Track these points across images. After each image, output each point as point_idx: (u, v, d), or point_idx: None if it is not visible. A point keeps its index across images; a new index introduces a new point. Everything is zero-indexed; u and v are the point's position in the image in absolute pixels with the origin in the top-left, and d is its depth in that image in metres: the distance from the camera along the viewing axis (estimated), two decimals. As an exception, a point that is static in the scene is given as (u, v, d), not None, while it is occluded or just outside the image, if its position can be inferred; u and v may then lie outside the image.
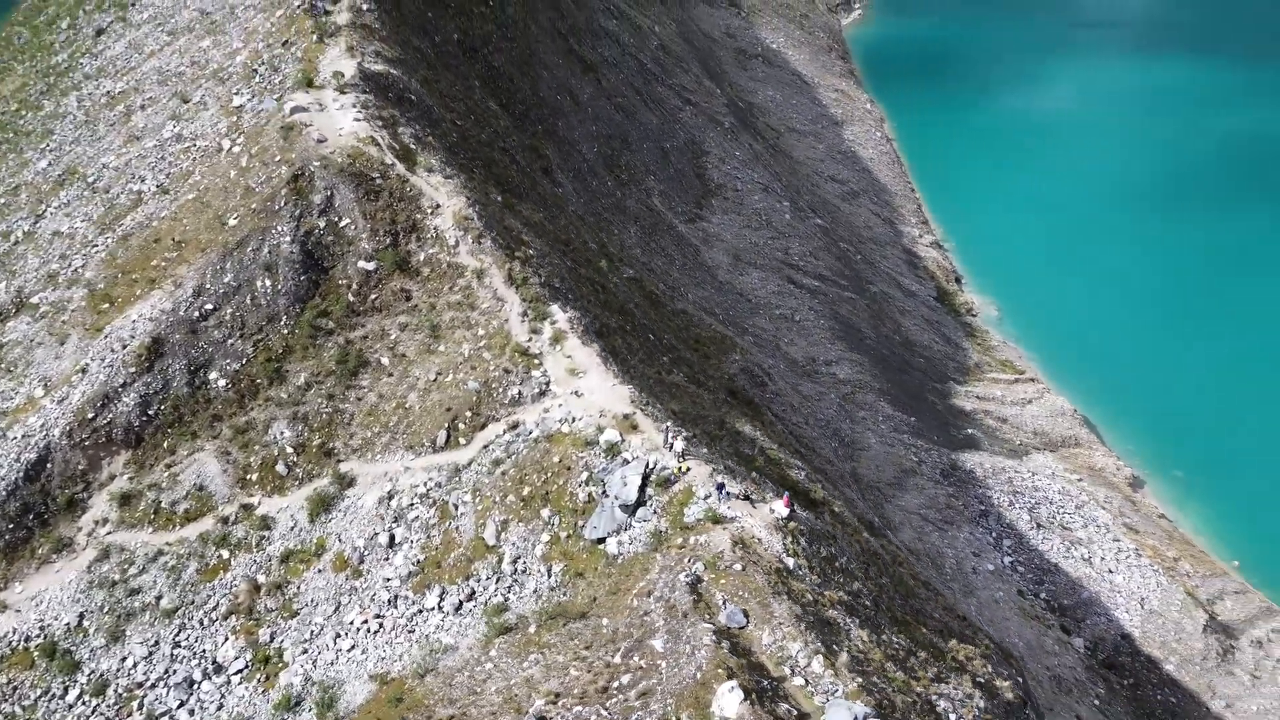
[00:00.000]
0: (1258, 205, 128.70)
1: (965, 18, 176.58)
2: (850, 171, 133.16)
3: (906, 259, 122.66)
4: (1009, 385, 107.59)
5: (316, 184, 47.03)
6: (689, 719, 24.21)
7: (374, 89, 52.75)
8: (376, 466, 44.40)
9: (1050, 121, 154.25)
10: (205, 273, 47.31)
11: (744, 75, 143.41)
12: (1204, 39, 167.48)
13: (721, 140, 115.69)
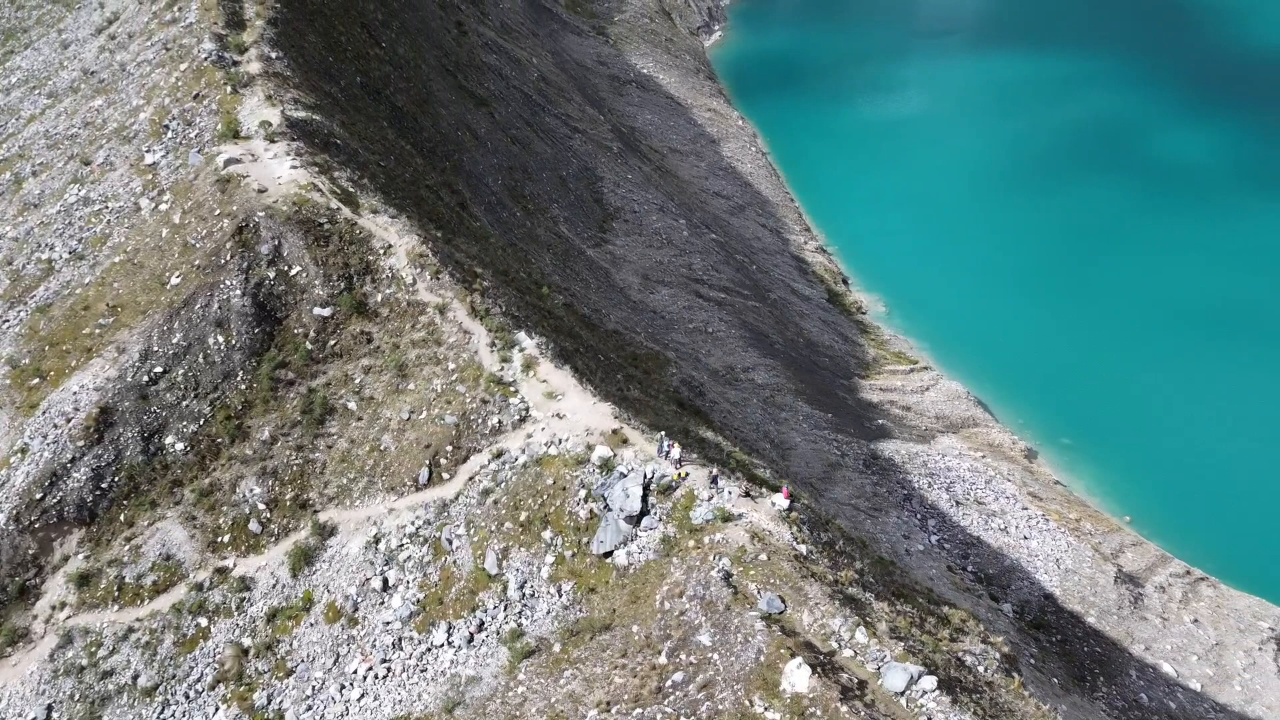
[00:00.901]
0: (1101, 182, 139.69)
1: (815, 31, 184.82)
2: (733, 186, 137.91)
3: (796, 265, 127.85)
4: (906, 375, 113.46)
5: (263, 234, 46.42)
6: (761, 700, 25.62)
7: (302, 136, 52.40)
8: (357, 512, 44.02)
9: (906, 123, 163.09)
10: (151, 335, 45.89)
11: (621, 101, 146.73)
12: (1034, 37, 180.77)
13: (612, 165, 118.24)
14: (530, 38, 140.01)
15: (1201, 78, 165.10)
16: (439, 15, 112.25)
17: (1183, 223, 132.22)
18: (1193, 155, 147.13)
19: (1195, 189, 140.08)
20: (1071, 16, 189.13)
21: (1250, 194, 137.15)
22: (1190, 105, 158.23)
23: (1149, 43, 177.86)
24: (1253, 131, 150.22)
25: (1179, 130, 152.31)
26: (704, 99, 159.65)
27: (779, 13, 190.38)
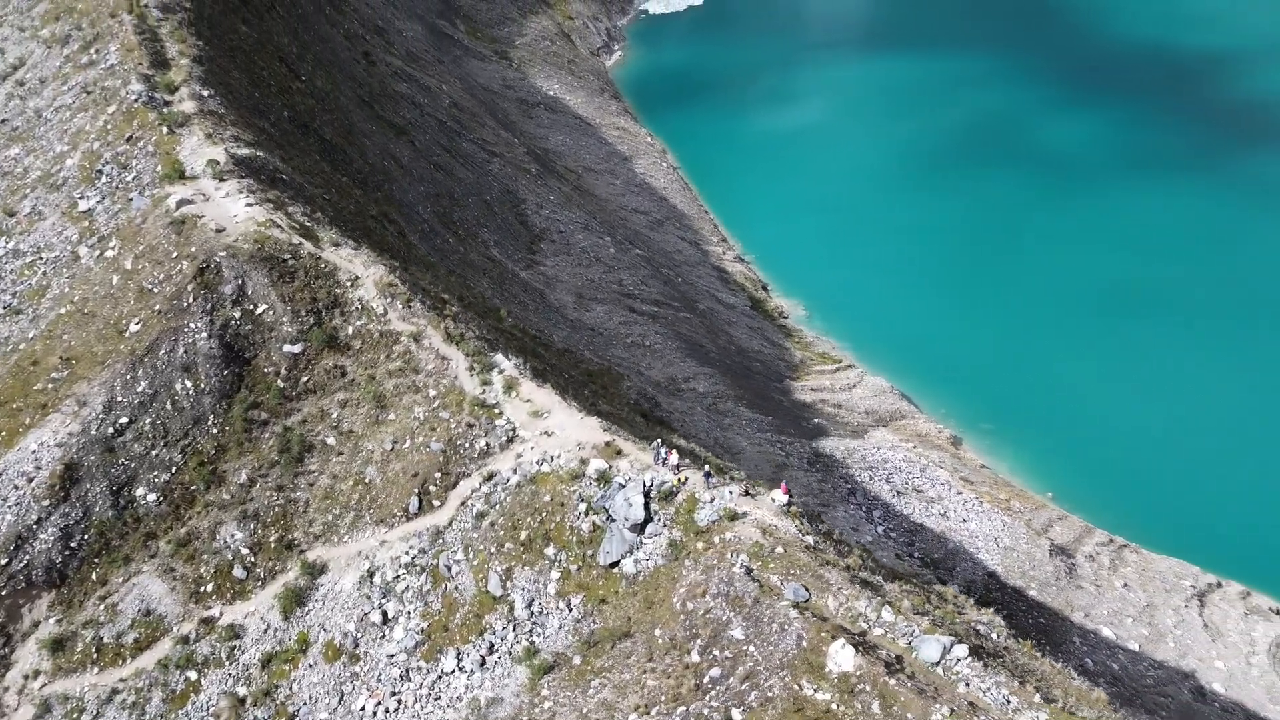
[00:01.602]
0: (991, 174, 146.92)
1: (710, 47, 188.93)
2: (650, 202, 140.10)
3: (718, 275, 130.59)
4: (833, 374, 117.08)
5: (225, 274, 45.63)
6: (809, 682, 26.79)
7: (250, 173, 51.68)
8: (347, 548, 43.56)
9: (805, 131, 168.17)
10: (114, 385, 44.53)
11: (531, 123, 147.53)
12: (917, 41, 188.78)
13: (533, 187, 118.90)
14: (436, 65, 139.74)
15: (1073, 71, 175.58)
16: (346, 46, 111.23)
17: (1066, 207, 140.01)
18: (1071, 143, 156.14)
19: (1075, 174, 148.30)
20: (950, 21, 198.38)
21: (1123, 176, 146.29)
22: (1065, 97, 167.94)
23: (1023, 41, 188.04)
24: (1120, 118, 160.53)
25: (1057, 121, 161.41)
26: (612, 118, 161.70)
27: (674, 31, 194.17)
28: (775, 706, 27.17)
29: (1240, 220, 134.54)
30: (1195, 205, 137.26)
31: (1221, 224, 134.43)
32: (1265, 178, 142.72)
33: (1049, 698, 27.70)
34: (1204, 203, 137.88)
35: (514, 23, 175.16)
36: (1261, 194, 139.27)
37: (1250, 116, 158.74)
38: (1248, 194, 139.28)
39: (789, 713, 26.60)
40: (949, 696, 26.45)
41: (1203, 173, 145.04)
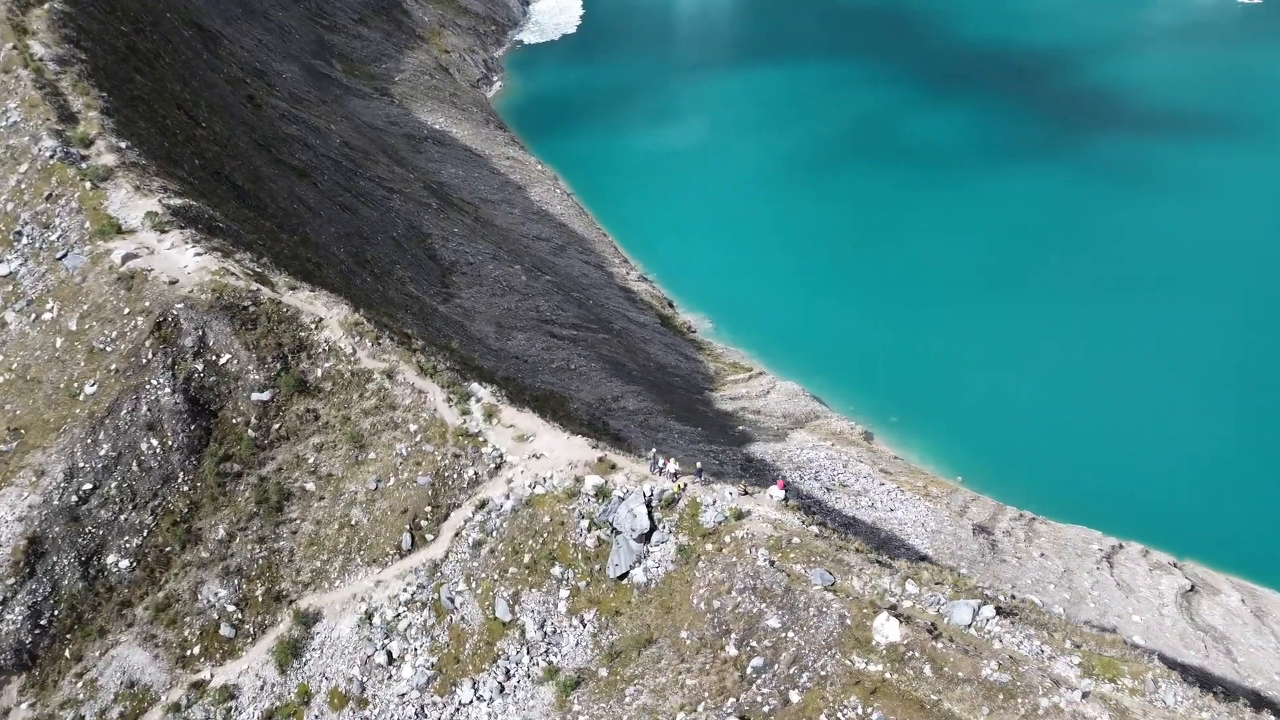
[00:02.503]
0: (868, 174, 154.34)
1: (587, 72, 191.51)
2: (550, 229, 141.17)
3: (625, 296, 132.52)
4: (747, 383, 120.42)
5: (184, 326, 44.42)
6: (859, 656, 28.44)
7: (187, 223, 50.43)
8: (340, 592, 42.94)
9: (689, 148, 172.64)
10: (74, 451, 42.64)
11: (422, 158, 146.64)
12: (782, 53, 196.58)
13: (436, 221, 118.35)
14: (320, 105, 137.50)
15: (929, 72, 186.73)
16: (230, 91, 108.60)
17: (936, 198, 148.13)
18: (934, 138, 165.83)
19: (941, 166, 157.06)
20: (810, 32, 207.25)
21: (983, 165, 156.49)
22: (925, 96, 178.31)
23: (880, 48, 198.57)
24: (976, 111, 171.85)
25: (920, 118, 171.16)
26: (500, 148, 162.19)
27: (551, 58, 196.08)
28: (833, 683, 28.74)
29: (1088, 199, 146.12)
30: (1048, 188, 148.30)
31: (1072, 204, 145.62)
32: (1106, 159, 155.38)
33: (1076, 644, 30.29)
34: (1055, 185, 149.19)
35: (391, 59, 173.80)
36: (1105, 174, 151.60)
37: (1088, 104, 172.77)
38: (1093, 175, 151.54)
39: (848, 686, 28.22)
40: (990, 653, 28.63)
41: (1052, 157, 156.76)
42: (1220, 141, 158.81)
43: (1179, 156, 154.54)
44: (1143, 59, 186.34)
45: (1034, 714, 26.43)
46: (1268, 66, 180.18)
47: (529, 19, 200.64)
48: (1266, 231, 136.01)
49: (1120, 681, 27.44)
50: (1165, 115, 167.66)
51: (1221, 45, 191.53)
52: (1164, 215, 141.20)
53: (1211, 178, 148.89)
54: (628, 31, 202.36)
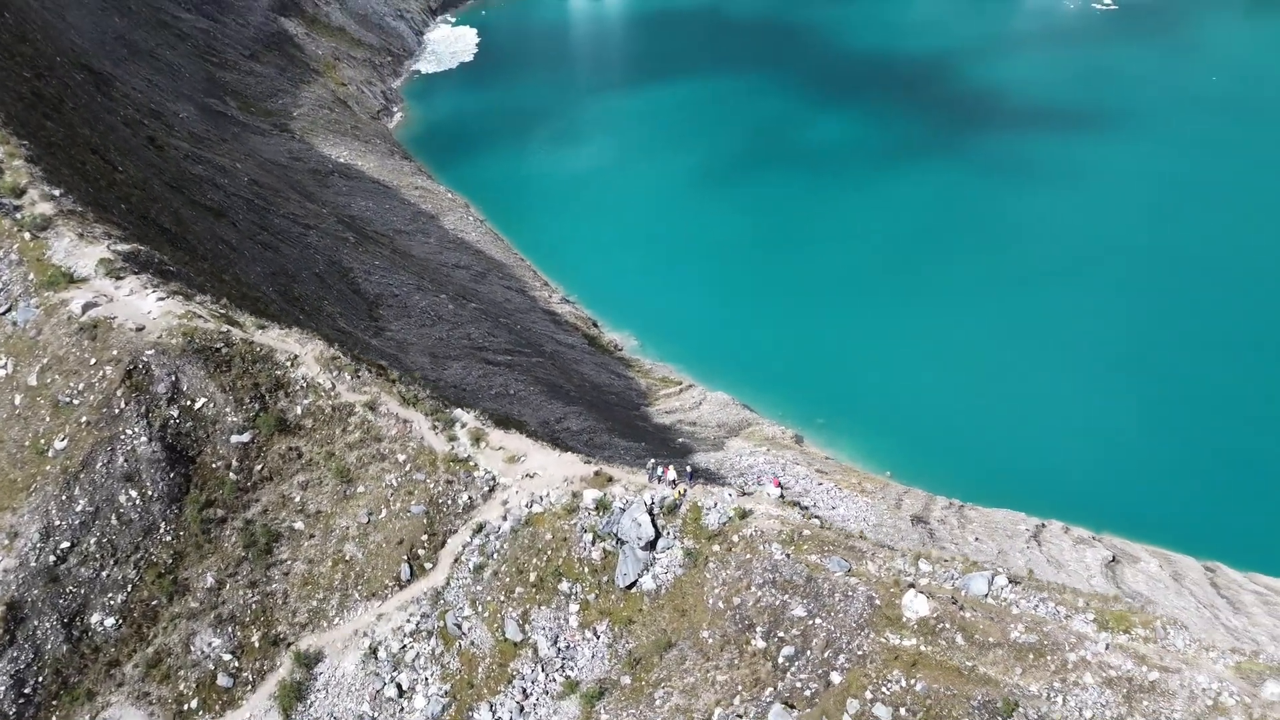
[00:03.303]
0: (772, 181, 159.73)
1: (490, 98, 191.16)
2: (468, 256, 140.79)
3: (550, 319, 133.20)
4: (679, 396, 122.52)
5: (155, 373, 43.26)
6: (892, 633, 30.07)
7: (140, 268, 49.11)
8: (340, 630, 42.40)
9: (597, 166, 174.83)
10: (48, 510, 41.00)
11: (330, 192, 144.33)
12: (680, 70, 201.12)
13: (355, 254, 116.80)
14: (221, 144, 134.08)
15: (822, 80, 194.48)
16: (130, 133, 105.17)
17: (838, 199, 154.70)
18: (831, 142, 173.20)
19: (839, 169, 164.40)
20: (702, 49, 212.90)
21: (878, 165, 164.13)
22: (820, 103, 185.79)
23: (773, 59, 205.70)
24: (868, 115, 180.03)
25: (816, 125, 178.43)
26: (408, 178, 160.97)
27: (450, 87, 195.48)
28: (872, 660, 30.27)
29: (975, 193, 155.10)
30: (938, 184, 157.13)
31: (962, 199, 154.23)
32: (989, 155, 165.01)
33: (1087, 603, 32.63)
34: (945, 181, 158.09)
35: (287, 94, 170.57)
36: (988, 168, 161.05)
37: (969, 105, 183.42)
38: (978, 170, 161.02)
39: (888, 662, 29.78)
40: (1013, 617, 30.68)
41: (939, 156, 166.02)
42: (1086, 133, 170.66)
43: (1052, 148, 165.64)
44: (1014, 61, 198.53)
45: (1064, 669, 28.57)
46: (1123, 64, 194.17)
47: (425, 49, 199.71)
48: (1137, 217, 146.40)
49: (1134, 632, 29.87)
50: (1038, 111, 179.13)
51: (1083, 47, 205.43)
52: (1045, 204, 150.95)
53: (1083, 167, 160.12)
54: (525, 57, 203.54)
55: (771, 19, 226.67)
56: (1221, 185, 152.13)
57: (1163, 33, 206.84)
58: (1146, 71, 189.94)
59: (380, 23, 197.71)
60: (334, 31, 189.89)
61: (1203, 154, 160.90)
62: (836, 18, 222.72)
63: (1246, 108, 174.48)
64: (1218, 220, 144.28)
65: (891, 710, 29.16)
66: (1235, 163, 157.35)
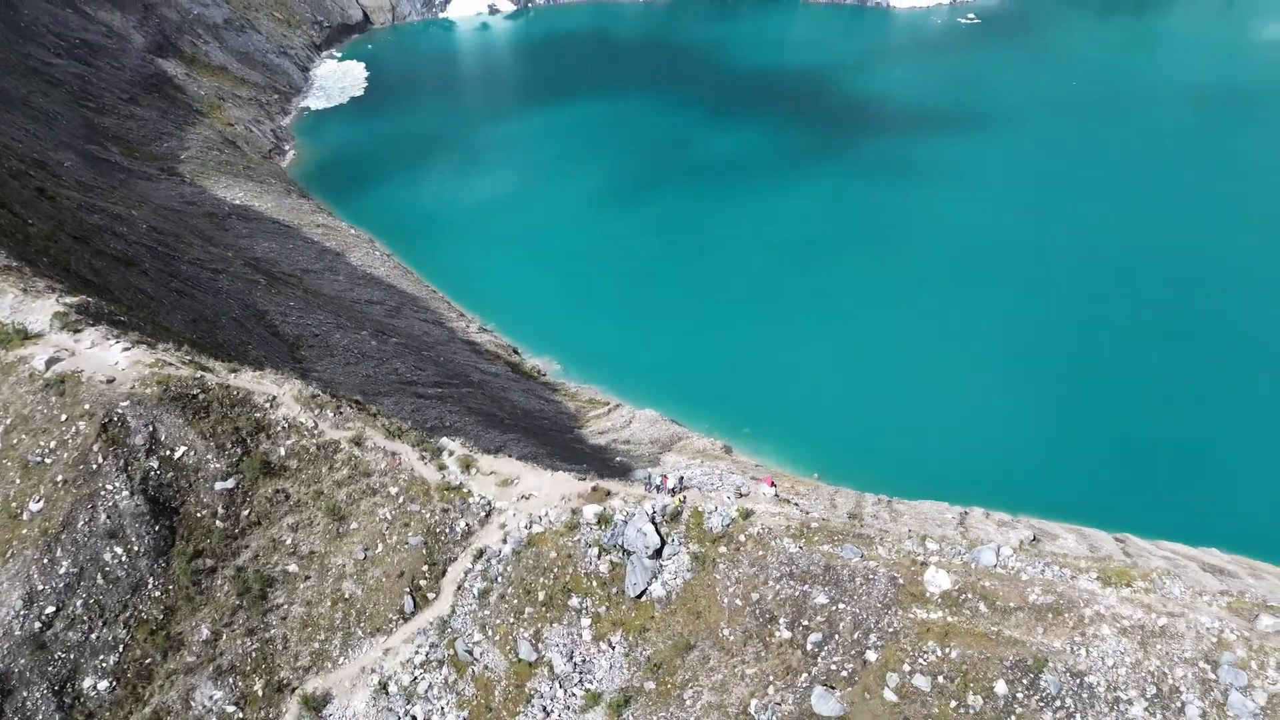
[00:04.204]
0: (676, 195, 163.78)
1: (384, 131, 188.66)
2: (380, 291, 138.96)
3: (471, 349, 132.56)
4: (608, 416, 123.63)
5: (132, 425, 41.94)
6: (919, 608, 32.00)
7: (94, 319, 47.52)
8: (347, 669, 41.84)
9: (499, 194, 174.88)
10: (29, 575, 39.19)
11: (230, 235, 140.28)
12: (572, 90, 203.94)
13: (269, 297, 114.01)
14: (111, 191, 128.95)
15: (713, 96, 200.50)
16: (19, 185, 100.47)
17: (738, 212, 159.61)
18: (727, 154, 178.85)
19: (737, 182, 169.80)
20: (593, 70, 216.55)
21: (773, 175, 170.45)
22: (713, 117, 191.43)
23: (664, 79, 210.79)
24: (760, 127, 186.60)
25: (711, 139, 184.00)
26: (309, 216, 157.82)
27: (342, 122, 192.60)
28: (905, 635, 32.10)
29: (866, 194, 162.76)
30: (831, 189, 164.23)
31: (854, 200, 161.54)
32: (874, 157, 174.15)
33: (1087, 564, 35.32)
34: (836, 185, 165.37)
35: (172, 137, 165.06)
36: (876, 171, 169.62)
37: (852, 113, 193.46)
38: (867, 172, 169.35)
39: (922, 635, 31.67)
40: (1025, 582, 33.07)
41: (830, 161, 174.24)
42: (960, 134, 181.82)
43: (930, 149, 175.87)
44: (890, 72, 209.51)
45: (1082, 624, 31.04)
46: (989, 71, 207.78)
47: (312, 85, 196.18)
48: (1014, 211, 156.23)
49: (1135, 585, 32.68)
50: (915, 116, 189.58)
51: (951, 56, 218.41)
52: (929, 202, 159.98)
53: (959, 165, 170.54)
54: (417, 88, 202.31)
55: (658, 40, 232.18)
56: (1087, 178, 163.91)
57: (1024, 41, 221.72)
58: (1011, 76, 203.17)
59: (264, 60, 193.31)
60: (215, 71, 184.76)
61: (1067, 149, 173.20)
62: (720, 37, 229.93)
63: (1102, 106, 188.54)
64: (1090, 211, 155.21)
65: (930, 679, 31.09)
66: (1097, 157, 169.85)
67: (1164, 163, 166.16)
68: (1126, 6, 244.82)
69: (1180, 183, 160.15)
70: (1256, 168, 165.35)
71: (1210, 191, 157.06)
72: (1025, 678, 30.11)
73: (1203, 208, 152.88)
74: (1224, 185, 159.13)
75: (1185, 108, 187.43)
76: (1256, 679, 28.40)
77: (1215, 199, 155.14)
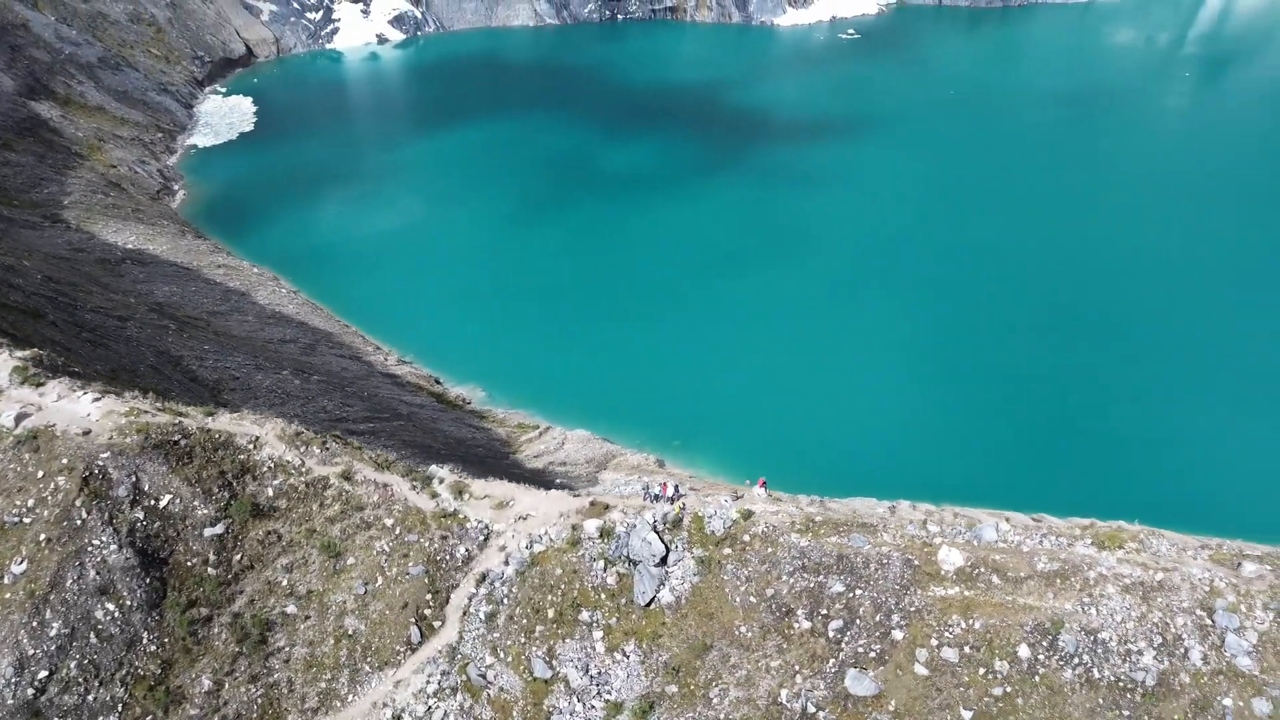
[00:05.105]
0: (586, 210, 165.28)
1: (277, 165, 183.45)
2: (291, 329, 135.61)
3: (392, 382, 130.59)
4: (540, 439, 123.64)
5: (114, 476, 40.48)
6: (936, 586, 33.99)
7: (54, 372, 45.65)
8: (357, 706, 41.27)
9: (404, 222, 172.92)
10: (19, 640, 37.36)
11: (127, 281, 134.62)
12: (470, 111, 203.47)
13: (181, 341, 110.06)
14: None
15: (609, 113, 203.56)
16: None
17: (645, 224, 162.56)
18: (633, 166, 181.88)
19: (643, 194, 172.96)
20: (487, 91, 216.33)
21: (675, 183, 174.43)
22: (612, 134, 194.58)
23: (557, 97, 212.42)
24: (662, 140, 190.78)
25: (613, 154, 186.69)
26: (208, 257, 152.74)
27: (232, 159, 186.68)
28: (928, 611, 34.00)
29: (760, 200, 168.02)
30: (731, 198, 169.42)
31: (749, 206, 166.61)
32: (769, 165, 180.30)
33: (1079, 532, 38.04)
34: (736, 194, 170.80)
35: (53, 182, 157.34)
36: (771, 178, 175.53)
37: (745, 123, 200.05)
38: (761, 180, 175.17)
39: (945, 610, 33.63)
40: (1027, 552, 35.51)
41: (729, 171, 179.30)
42: (847, 139, 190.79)
43: (822, 154, 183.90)
44: (779, 84, 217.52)
45: (1088, 586, 33.60)
46: (870, 82, 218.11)
47: (198, 122, 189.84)
48: (905, 212, 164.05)
49: (1127, 547, 35.54)
50: (805, 125, 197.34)
51: (835, 69, 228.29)
52: (826, 206, 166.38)
53: (849, 168, 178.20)
54: (309, 120, 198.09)
55: (551, 62, 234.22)
56: (967, 176, 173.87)
57: (901, 53, 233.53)
58: (892, 86, 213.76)
59: (143, 98, 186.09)
60: (93, 111, 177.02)
61: (948, 150, 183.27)
62: (612, 57, 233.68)
63: (976, 109, 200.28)
64: (972, 206, 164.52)
65: (958, 650, 33.09)
66: (975, 155, 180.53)
67: (1033, 157, 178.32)
68: (992, 18, 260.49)
69: (1049, 175, 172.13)
70: (1113, 157, 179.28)
71: (1076, 182, 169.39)
72: (1045, 640, 32.49)
73: (1071, 198, 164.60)
74: (1087, 175, 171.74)
75: (1049, 108, 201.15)
76: (1247, 620, 31.47)
77: (1081, 189, 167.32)
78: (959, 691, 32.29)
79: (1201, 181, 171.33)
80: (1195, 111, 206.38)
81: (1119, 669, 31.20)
